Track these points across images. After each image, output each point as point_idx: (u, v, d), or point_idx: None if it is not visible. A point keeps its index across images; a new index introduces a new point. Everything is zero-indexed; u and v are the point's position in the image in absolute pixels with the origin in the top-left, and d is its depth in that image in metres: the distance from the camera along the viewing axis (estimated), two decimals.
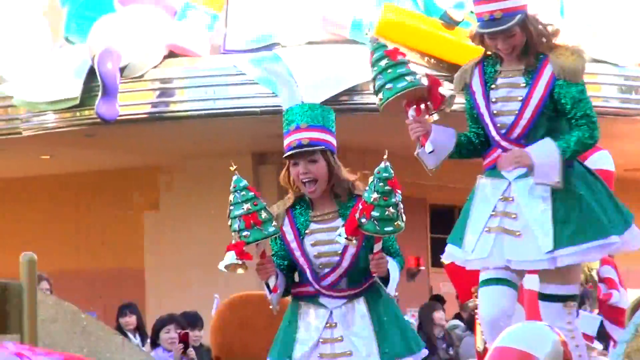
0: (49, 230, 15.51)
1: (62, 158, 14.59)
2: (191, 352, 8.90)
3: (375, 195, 4.77)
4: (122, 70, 11.95)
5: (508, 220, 5.06)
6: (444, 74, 10.79)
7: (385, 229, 4.78)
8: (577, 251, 5.03)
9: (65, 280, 12.56)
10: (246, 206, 4.85)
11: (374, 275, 4.91)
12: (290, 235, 5.00)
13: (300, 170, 4.87)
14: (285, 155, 5.00)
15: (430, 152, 5.07)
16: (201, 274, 13.11)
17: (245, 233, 4.81)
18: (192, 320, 10.04)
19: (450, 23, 12.21)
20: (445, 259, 5.57)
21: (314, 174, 4.88)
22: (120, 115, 12.07)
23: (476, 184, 5.24)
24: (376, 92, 5.13)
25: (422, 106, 5.17)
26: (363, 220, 4.75)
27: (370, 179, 4.87)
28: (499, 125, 5.24)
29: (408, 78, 5.06)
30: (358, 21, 11.81)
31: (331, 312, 5.00)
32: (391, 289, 5.02)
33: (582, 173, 5.14)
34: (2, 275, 5.12)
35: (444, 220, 14.54)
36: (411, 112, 5.08)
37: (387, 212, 4.78)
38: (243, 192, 4.89)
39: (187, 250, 14.22)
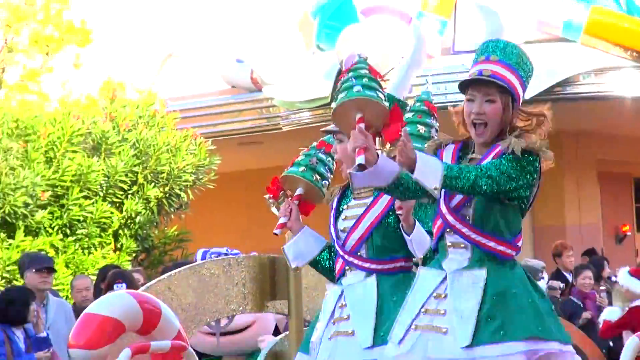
0: None
1: None
2: None
3: (410, 114, 4.48)
4: None
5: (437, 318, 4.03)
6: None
7: (415, 144, 4.11)
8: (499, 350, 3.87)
9: None
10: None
11: (399, 212, 4.32)
12: (332, 211, 4.65)
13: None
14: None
15: (359, 166, 3.84)
16: None
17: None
18: None
19: None
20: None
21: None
22: None
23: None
24: (339, 91, 4.37)
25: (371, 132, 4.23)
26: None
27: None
28: None
29: (379, 94, 4.32)
30: (568, 22, 12.57)
31: (342, 291, 4.53)
32: (415, 242, 4.32)
33: (522, 277, 4.01)
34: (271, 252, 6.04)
35: None
36: (361, 125, 4.06)
37: (418, 128, 4.45)
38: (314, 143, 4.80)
39: None
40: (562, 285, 10.75)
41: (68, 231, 11.25)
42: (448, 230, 3.96)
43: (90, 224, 11.31)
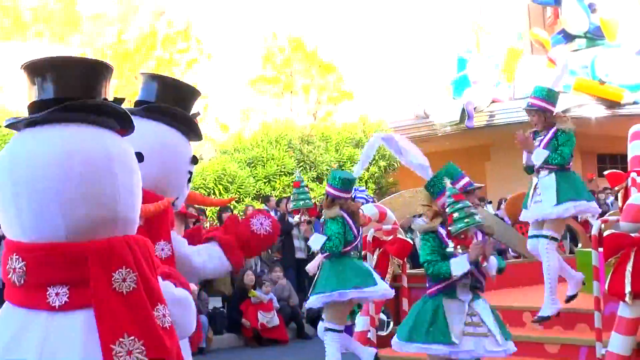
0: None
1: None
2: None
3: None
4: None
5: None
6: None
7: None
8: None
9: None
10: None
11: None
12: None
13: None
14: None
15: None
16: None
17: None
18: None
19: None
20: None
21: None
22: None
23: None
24: (462, 217, 5.70)
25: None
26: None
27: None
28: None
29: (477, 217, 5.79)
30: None
31: (467, 305, 5.94)
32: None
33: None
34: None
35: None
36: (479, 238, 5.87)
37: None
38: None
39: None
40: None
41: None
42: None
43: None
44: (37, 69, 3.03)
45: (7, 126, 3.06)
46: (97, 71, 3.08)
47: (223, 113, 22.56)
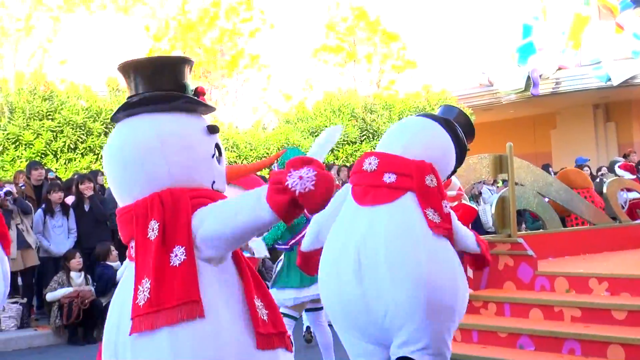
0: None
1: None
2: None
3: None
4: None
5: None
6: None
7: None
8: None
9: None
10: None
11: None
12: None
13: None
14: None
15: None
16: None
17: None
18: None
19: None
20: None
21: None
22: None
23: None
24: None
25: None
26: None
27: None
28: None
29: None
30: None
31: None
32: None
33: None
34: None
35: None
36: None
37: None
38: None
39: None
40: None
41: None
42: None
43: None
44: (125, 71, 3.61)
45: (111, 120, 3.68)
46: (177, 66, 3.61)
47: (286, 83, 22.91)
